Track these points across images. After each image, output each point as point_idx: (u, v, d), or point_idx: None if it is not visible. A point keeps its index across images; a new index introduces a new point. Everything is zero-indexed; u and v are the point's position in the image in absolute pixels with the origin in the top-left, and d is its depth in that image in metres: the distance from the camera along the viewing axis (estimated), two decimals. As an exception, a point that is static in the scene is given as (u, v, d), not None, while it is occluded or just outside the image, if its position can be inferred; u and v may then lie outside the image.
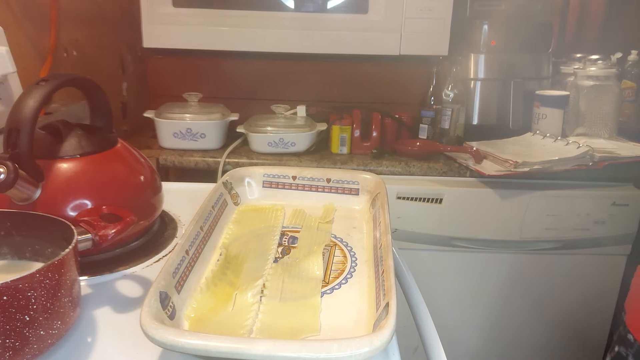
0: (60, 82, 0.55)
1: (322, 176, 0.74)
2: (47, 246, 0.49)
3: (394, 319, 0.40)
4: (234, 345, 0.37)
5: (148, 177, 0.63)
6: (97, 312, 0.49)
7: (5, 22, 0.80)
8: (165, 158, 1.24)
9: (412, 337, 0.56)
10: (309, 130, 1.28)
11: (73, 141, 0.57)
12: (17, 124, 0.50)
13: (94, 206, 0.55)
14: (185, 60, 1.48)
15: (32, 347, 0.40)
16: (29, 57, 0.96)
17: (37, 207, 0.53)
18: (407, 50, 1.33)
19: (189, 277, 0.51)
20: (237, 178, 0.73)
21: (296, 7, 1.35)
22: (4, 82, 0.75)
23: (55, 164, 0.55)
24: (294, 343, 0.37)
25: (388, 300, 0.43)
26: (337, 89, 1.51)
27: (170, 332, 0.38)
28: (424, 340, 0.49)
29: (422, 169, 1.24)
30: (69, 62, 1.11)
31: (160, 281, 0.45)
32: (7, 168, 0.48)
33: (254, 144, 1.28)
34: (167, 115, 1.26)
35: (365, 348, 0.37)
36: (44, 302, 0.40)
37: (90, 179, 0.56)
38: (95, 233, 0.49)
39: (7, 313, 0.38)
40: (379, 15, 1.33)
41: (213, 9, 1.33)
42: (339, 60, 1.46)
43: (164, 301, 0.44)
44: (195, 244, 0.55)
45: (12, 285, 0.38)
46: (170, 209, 0.73)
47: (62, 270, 0.42)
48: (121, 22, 1.36)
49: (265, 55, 1.39)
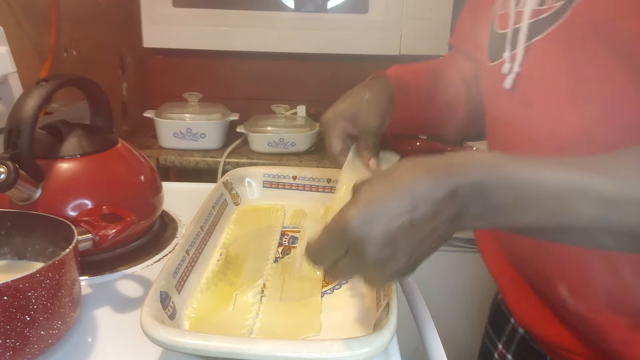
0: (60, 82, 0.55)
1: (322, 176, 0.74)
2: (48, 246, 0.49)
3: (395, 319, 0.40)
4: (235, 345, 0.37)
5: (148, 177, 0.63)
6: (98, 312, 0.49)
7: (5, 22, 0.80)
8: (165, 158, 1.24)
9: (412, 337, 0.56)
10: (309, 130, 1.28)
11: (73, 141, 0.57)
12: (17, 124, 0.50)
13: (94, 206, 0.55)
14: (185, 60, 1.48)
15: (33, 347, 0.40)
16: (29, 57, 0.96)
17: (37, 207, 0.53)
18: (407, 50, 1.33)
19: (189, 277, 0.51)
20: (238, 178, 0.73)
21: (296, 7, 1.36)
22: (4, 82, 0.75)
23: (55, 164, 0.55)
24: (295, 343, 0.37)
25: (388, 300, 0.43)
26: (337, 89, 1.50)
27: (171, 332, 0.38)
28: (424, 340, 0.49)
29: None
30: (69, 62, 1.11)
31: (161, 281, 0.45)
32: (8, 168, 0.48)
33: (254, 144, 1.28)
34: (167, 115, 1.26)
35: (365, 348, 0.37)
36: (45, 302, 0.40)
37: (91, 179, 0.56)
38: (96, 233, 0.49)
39: (7, 313, 0.38)
40: (379, 15, 1.34)
41: (213, 8, 1.34)
42: (339, 60, 1.46)
43: (165, 301, 0.44)
44: (195, 243, 0.55)
45: (13, 285, 0.38)
46: (171, 209, 0.72)
47: (63, 270, 0.42)
48: (121, 22, 1.36)
49: (265, 55, 1.39)
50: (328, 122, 0.68)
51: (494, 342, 0.71)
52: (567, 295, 0.53)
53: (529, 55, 0.50)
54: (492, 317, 0.74)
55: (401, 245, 0.35)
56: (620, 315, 0.49)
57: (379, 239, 0.34)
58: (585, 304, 0.51)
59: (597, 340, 0.51)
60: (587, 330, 0.52)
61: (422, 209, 0.34)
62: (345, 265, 0.37)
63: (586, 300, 0.51)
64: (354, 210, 0.35)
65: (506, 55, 0.53)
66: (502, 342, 0.69)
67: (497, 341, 0.70)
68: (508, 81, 0.52)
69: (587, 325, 0.52)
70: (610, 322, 0.50)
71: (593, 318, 0.51)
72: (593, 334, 0.51)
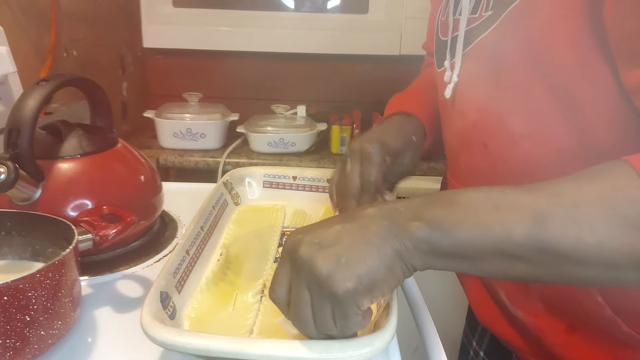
0: (60, 82, 0.55)
1: (322, 177, 0.74)
2: (48, 246, 0.49)
3: (395, 319, 0.40)
4: (235, 345, 0.37)
5: (148, 177, 0.63)
6: (98, 312, 0.49)
7: (5, 22, 0.80)
8: (165, 158, 1.24)
9: (412, 337, 0.56)
10: (309, 130, 1.28)
11: (73, 141, 0.57)
12: (17, 124, 0.50)
13: (94, 206, 0.55)
14: (185, 60, 1.48)
15: (33, 347, 0.40)
16: (29, 57, 0.96)
17: (37, 207, 0.53)
18: (407, 50, 1.33)
19: (189, 276, 0.51)
20: (238, 178, 0.73)
21: (296, 7, 1.35)
22: (4, 82, 0.75)
23: (55, 164, 0.55)
24: (295, 343, 0.37)
25: (388, 301, 0.43)
26: (337, 89, 1.51)
27: (171, 331, 0.38)
28: (424, 340, 0.49)
29: (422, 169, 1.24)
30: (69, 62, 1.11)
31: (161, 281, 0.45)
32: (8, 168, 0.48)
33: (254, 144, 1.28)
34: (167, 115, 1.26)
35: (366, 348, 0.37)
36: (45, 302, 0.40)
37: (91, 179, 0.56)
38: (96, 233, 0.49)
39: (7, 313, 0.38)
40: (379, 15, 1.34)
41: (213, 8, 1.34)
42: (339, 60, 1.46)
43: (165, 301, 0.44)
44: (195, 243, 0.55)
45: (13, 286, 0.38)
46: (171, 209, 0.72)
47: (63, 270, 0.42)
48: (121, 22, 1.36)
49: (265, 55, 1.39)
50: (367, 150, 0.58)
51: (470, 339, 0.73)
52: (507, 301, 0.54)
53: (464, 64, 0.50)
54: (468, 317, 0.76)
55: (330, 245, 0.35)
56: (558, 319, 0.50)
57: (309, 238, 0.36)
58: (524, 310, 0.52)
59: (539, 342, 0.52)
60: (530, 333, 0.53)
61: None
62: (295, 285, 0.37)
63: (525, 305, 0.52)
64: (294, 233, 0.38)
65: (447, 63, 0.53)
66: (475, 339, 0.71)
67: (471, 338, 0.72)
68: (448, 91, 0.52)
69: (529, 329, 0.52)
70: (549, 325, 0.50)
71: (533, 322, 0.52)
72: (535, 337, 0.52)
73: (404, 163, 0.61)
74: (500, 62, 0.45)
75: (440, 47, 0.55)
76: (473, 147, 0.51)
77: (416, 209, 0.36)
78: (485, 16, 0.46)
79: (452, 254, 0.35)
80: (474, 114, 0.50)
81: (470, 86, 0.50)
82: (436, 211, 0.35)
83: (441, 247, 0.34)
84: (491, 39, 0.45)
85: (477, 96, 0.49)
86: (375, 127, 0.63)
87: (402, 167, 0.61)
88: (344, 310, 0.35)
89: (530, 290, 0.51)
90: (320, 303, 0.36)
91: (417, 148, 0.62)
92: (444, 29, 0.54)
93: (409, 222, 0.35)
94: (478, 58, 0.48)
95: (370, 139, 0.58)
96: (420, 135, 0.62)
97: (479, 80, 0.49)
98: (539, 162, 0.45)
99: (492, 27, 0.45)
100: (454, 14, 0.51)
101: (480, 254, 0.34)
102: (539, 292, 0.50)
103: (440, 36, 0.55)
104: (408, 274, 0.36)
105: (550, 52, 0.41)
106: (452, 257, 0.35)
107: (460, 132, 0.53)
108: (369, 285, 0.35)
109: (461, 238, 0.34)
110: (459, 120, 0.53)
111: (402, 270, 0.36)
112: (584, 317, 0.47)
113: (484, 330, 0.69)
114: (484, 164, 0.50)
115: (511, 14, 0.43)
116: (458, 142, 0.55)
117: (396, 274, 0.36)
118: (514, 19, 0.43)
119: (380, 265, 0.35)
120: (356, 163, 0.58)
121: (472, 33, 0.48)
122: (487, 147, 0.49)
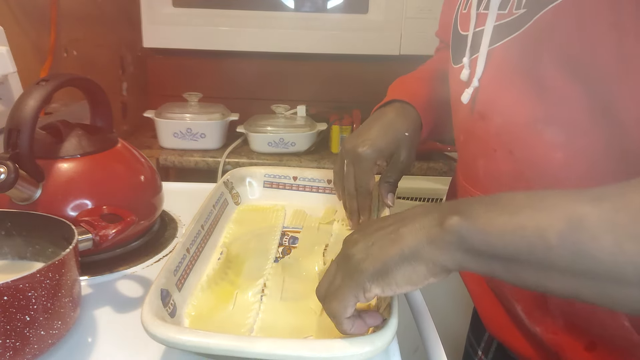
0: (60, 82, 0.55)
1: (322, 177, 0.74)
2: (48, 246, 0.49)
3: (396, 319, 0.40)
4: (236, 343, 0.37)
5: (148, 177, 0.63)
6: (98, 312, 0.49)
7: (5, 22, 0.80)
8: (165, 158, 1.24)
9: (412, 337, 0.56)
10: (309, 130, 1.28)
11: (73, 141, 0.57)
12: (17, 124, 0.50)
13: (94, 206, 0.54)
14: (185, 60, 1.48)
15: (33, 347, 0.40)
16: (29, 57, 0.96)
17: (37, 207, 0.53)
18: (407, 50, 1.33)
19: (189, 275, 0.51)
20: (238, 178, 0.73)
21: (296, 7, 1.35)
22: (4, 82, 0.75)
23: (55, 163, 0.55)
24: (295, 342, 0.37)
25: (389, 301, 0.43)
26: (337, 89, 1.51)
27: (172, 329, 0.38)
28: (425, 341, 0.49)
29: (422, 169, 1.24)
30: (69, 62, 1.10)
31: (162, 279, 0.45)
32: (8, 168, 0.48)
33: (254, 144, 1.28)
34: (167, 115, 1.26)
35: (366, 348, 0.37)
36: (45, 302, 0.40)
37: (91, 179, 0.56)
38: (96, 233, 0.49)
39: (7, 313, 0.38)
40: (379, 15, 1.33)
41: (213, 9, 1.33)
42: (339, 60, 1.46)
43: (165, 299, 0.44)
44: (196, 242, 0.55)
45: (13, 285, 0.37)
46: (171, 209, 0.72)
47: (63, 270, 0.42)
48: (121, 22, 1.36)
49: (265, 55, 1.39)
50: (358, 154, 0.59)
51: (474, 348, 0.70)
52: (524, 316, 0.52)
53: (488, 64, 0.47)
54: (472, 324, 0.74)
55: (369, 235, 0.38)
56: (578, 337, 0.48)
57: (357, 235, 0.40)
58: (542, 325, 0.50)
59: (557, 357, 0.50)
60: (547, 348, 0.51)
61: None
62: (337, 278, 0.39)
63: (543, 321, 0.50)
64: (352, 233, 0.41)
65: (465, 60, 0.50)
66: (481, 348, 0.69)
67: (477, 347, 0.70)
68: (466, 95, 0.49)
69: (547, 345, 0.50)
70: (568, 343, 0.48)
71: (551, 339, 0.50)
72: (554, 353, 0.50)
73: (400, 161, 0.61)
74: (534, 65, 0.42)
75: (458, 41, 0.52)
76: (496, 152, 0.48)
77: (457, 204, 0.35)
78: (516, 14, 0.43)
79: (483, 251, 0.33)
80: (498, 119, 0.47)
81: (495, 89, 0.47)
82: (475, 206, 0.34)
83: (470, 241, 0.33)
84: (524, 39, 0.42)
85: (504, 100, 0.46)
86: (368, 122, 0.63)
87: (398, 165, 0.61)
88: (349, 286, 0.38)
89: (550, 306, 0.48)
90: (335, 274, 0.39)
91: (412, 142, 0.62)
92: (464, 23, 0.51)
93: (444, 215, 0.35)
94: (506, 59, 0.45)
95: (363, 142, 0.59)
96: (415, 128, 0.62)
97: (507, 84, 0.45)
98: (571, 170, 0.43)
99: (526, 26, 0.42)
100: (478, 7, 0.48)
101: (513, 256, 0.32)
102: (559, 309, 0.48)
103: (459, 30, 0.52)
104: (436, 272, 0.35)
105: (592, 52, 0.38)
106: (483, 256, 0.33)
107: (480, 136, 0.50)
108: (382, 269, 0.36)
109: (492, 233, 0.32)
110: (479, 124, 0.49)
111: (427, 267, 0.35)
112: (608, 337, 0.45)
113: (490, 338, 0.67)
114: (508, 169, 0.47)
115: (549, 13, 0.40)
116: (476, 145, 0.51)
117: (418, 269, 0.35)
118: (552, 19, 0.40)
119: (398, 254, 0.36)
120: (350, 166, 0.60)
121: (499, 31, 0.45)
122: (513, 153, 0.46)
